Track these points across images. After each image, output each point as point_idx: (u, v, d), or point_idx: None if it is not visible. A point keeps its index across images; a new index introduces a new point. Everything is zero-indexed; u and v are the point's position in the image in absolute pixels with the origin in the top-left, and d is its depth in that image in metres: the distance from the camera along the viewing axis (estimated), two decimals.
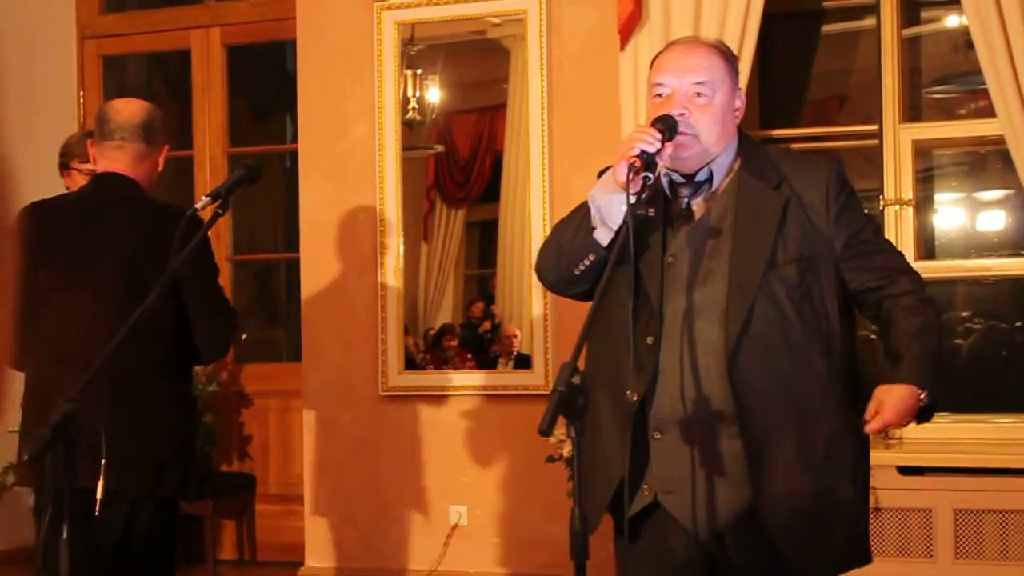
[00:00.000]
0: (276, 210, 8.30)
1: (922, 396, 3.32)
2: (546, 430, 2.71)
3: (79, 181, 4.85)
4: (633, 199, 3.15)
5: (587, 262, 3.37)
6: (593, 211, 3.35)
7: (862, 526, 3.46)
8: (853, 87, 6.67)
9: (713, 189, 3.44)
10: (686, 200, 3.44)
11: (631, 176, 3.17)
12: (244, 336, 7.88)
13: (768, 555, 3.33)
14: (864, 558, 3.49)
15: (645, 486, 3.37)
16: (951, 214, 6.49)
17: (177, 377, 4.42)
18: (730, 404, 3.28)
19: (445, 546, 6.49)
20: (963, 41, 6.20)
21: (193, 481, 4.52)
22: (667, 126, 3.29)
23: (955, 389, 6.32)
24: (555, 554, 6.16)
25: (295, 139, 7.09)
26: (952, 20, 6.38)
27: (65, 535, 3.34)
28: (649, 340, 3.33)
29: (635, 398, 3.31)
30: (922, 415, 3.36)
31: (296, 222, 6.89)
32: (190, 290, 4.26)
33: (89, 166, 4.65)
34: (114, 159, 4.41)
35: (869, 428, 3.32)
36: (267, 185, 7.69)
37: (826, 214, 3.42)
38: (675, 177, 3.45)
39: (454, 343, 6.65)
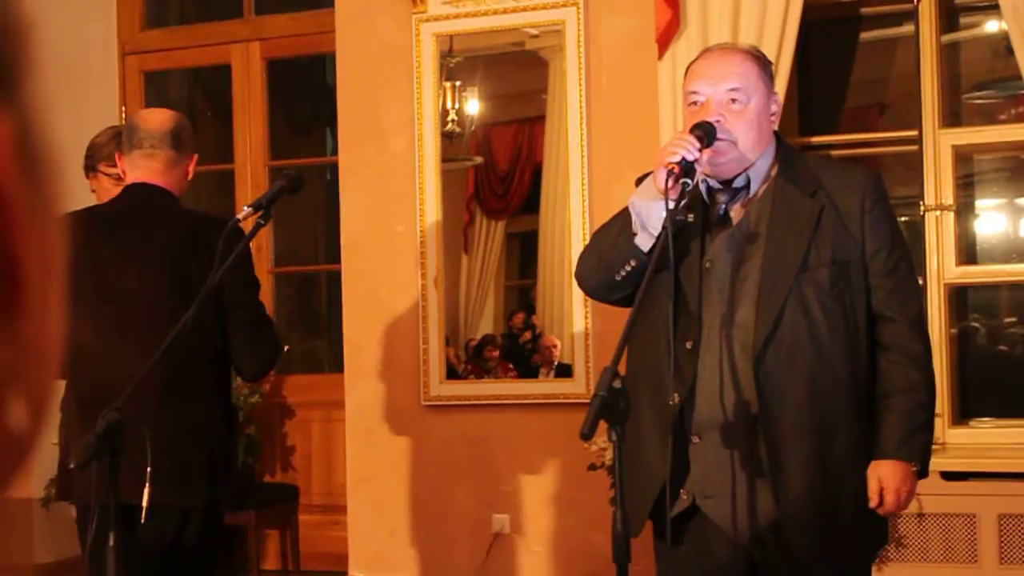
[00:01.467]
0: (317, 222, 8.36)
1: (914, 467, 3.45)
2: (587, 434, 2.74)
3: (105, 184, 4.77)
4: (672, 205, 3.18)
5: (628, 268, 3.40)
6: (634, 217, 3.38)
7: (870, 514, 3.48)
8: (892, 94, 6.67)
9: (750, 195, 3.47)
10: (724, 206, 3.48)
11: (670, 183, 3.20)
12: (286, 348, 7.92)
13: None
14: (882, 539, 3.56)
15: (683, 491, 3.40)
16: (992, 219, 6.48)
17: (220, 389, 4.42)
18: (758, 407, 3.32)
19: (487, 555, 6.51)
20: (1003, 46, 6.19)
21: (233, 492, 4.55)
22: (705, 132, 3.32)
23: (998, 394, 6.32)
24: (597, 562, 6.17)
25: (335, 152, 7.14)
26: (992, 25, 6.37)
27: (112, 544, 3.38)
28: (688, 345, 3.36)
29: (676, 403, 3.34)
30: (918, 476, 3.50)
31: (337, 234, 6.93)
32: (231, 303, 4.26)
33: (116, 170, 4.63)
34: (145, 168, 4.37)
35: (882, 511, 3.44)
36: (307, 198, 7.72)
37: (860, 222, 3.44)
38: (712, 183, 3.49)
39: (495, 353, 6.68)
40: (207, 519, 4.33)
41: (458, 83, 6.69)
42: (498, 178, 6.76)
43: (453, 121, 6.67)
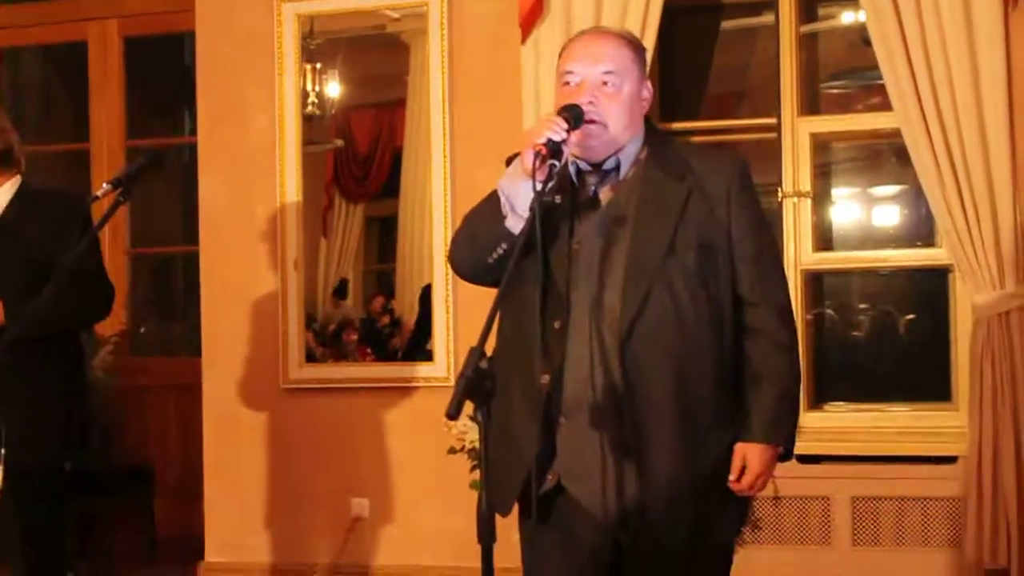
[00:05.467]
0: (174, 204, 8.25)
1: (779, 451, 3.50)
2: (453, 414, 2.72)
3: None
4: (540, 186, 3.17)
5: (500, 251, 3.39)
6: (503, 200, 3.37)
7: (733, 496, 3.52)
8: (751, 83, 6.74)
9: (620, 178, 3.48)
10: (593, 188, 3.48)
11: (538, 163, 3.19)
12: (142, 329, 7.82)
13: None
14: (743, 519, 3.60)
15: (550, 472, 3.40)
16: (847, 207, 6.59)
17: (52, 352, 4.53)
18: (624, 388, 3.33)
19: (346, 539, 6.48)
20: (859, 38, 6.29)
21: (73, 446, 4.65)
22: (573, 115, 3.32)
23: (851, 379, 6.43)
24: (457, 546, 6.18)
25: (193, 132, 7.04)
26: (848, 17, 6.46)
27: None
28: (557, 325, 3.36)
29: (545, 383, 3.34)
30: (782, 459, 3.55)
31: (195, 216, 6.84)
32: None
33: None
34: None
35: (737, 489, 3.47)
36: (165, 179, 7.64)
37: (727, 208, 3.47)
38: (582, 165, 3.49)
39: (354, 337, 6.64)
40: (45, 478, 4.49)
41: (319, 65, 6.64)
42: (358, 162, 6.72)
43: (313, 104, 6.62)
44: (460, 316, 6.28)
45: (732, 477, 3.45)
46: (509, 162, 3.47)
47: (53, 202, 4.69)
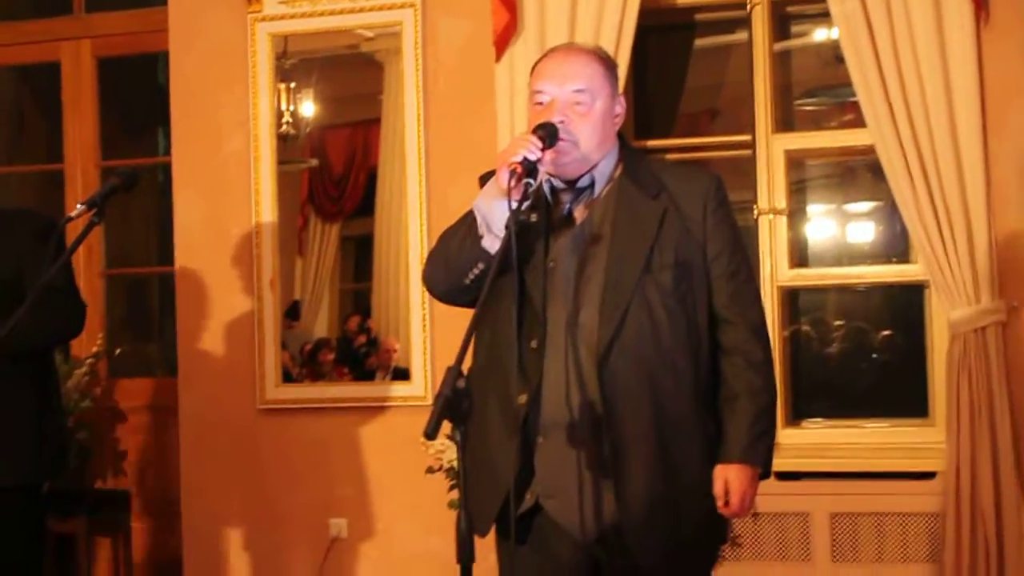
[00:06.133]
0: (149, 224, 8.22)
1: (758, 470, 3.53)
2: (431, 433, 2.72)
3: None
4: (515, 205, 3.17)
5: (476, 271, 3.39)
6: (479, 219, 3.37)
7: (711, 509, 3.52)
8: (725, 101, 6.74)
9: (594, 195, 3.48)
10: (567, 206, 3.49)
11: (513, 182, 3.19)
12: (118, 350, 7.79)
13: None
14: (721, 538, 3.60)
15: (528, 492, 3.40)
16: (822, 224, 6.59)
17: (25, 372, 4.58)
18: (602, 408, 3.33)
19: (325, 560, 6.45)
20: (832, 55, 6.30)
21: (49, 465, 4.67)
22: (548, 133, 3.33)
23: (828, 395, 6.43)
24: (435, 566, 6.17)
25: (168, 152, 7.01)
26: (821, 34, 6.48)
27: None
28: (534, 344, 3.36)
29: (522, 403, 3.34)
30: (760, 477, 3.58)
31: (170, 236, 6.82)
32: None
33: None
34: None
35: (728, 513, 3.51)
36: (140, 199, 7.61)
37: (703, 225, 3.48)
38: (556, 183, 3.49)
39: (330, 357, 6.62)
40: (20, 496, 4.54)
41: (293, 84, 6.63)
42: (332, 181, 6.71)
43: (288, 123, 6.61)
44: (437, 335, 6.27)
45: (719, 503, 3.46)
46: (483, 181, 3.47)
47: (20, 221, 4.69)
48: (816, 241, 6.53)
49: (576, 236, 3.45)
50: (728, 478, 3.46)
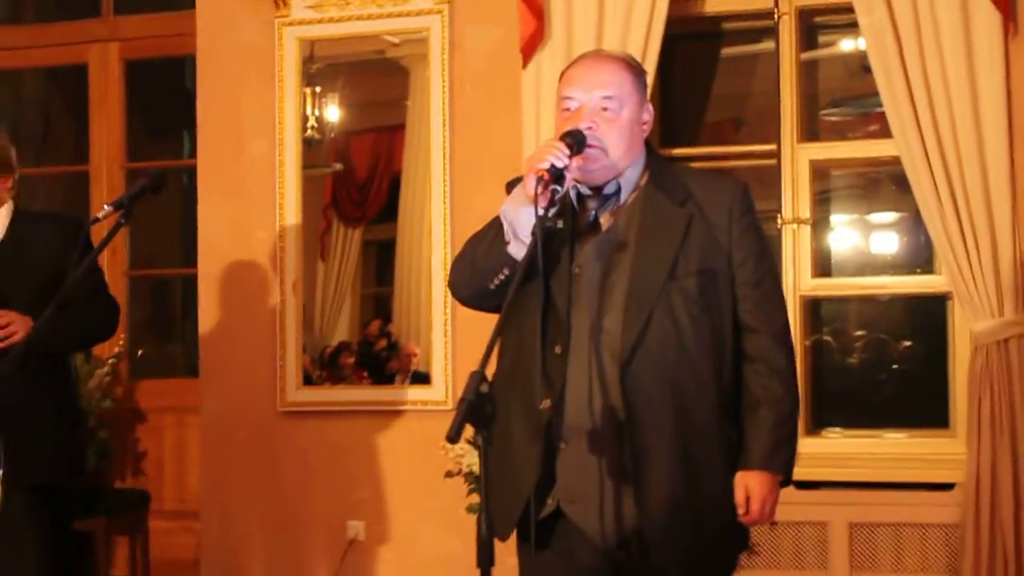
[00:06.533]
0: (173, 227, 8.25)
1: (779, 478, 3.53)
2: (454, 437, 2.73)
3: None
4: (542, 212, 3.18)
5: (501, 276, 3.40)
6: (505, 225, 3.38)
7: (731, 516, 3.52)
8: (750, 110, 6.74)
9: (620, 202, 3.49)
10: (593, 212, 3.50)
11: (540, 189, 3.20)
12: (140, 351, 7.82)
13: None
14: (743, 545, 3.60)
15: (549, 497, 3.41)
16: (845, 234, 6.59)
17: (44, 373, 4.63)
18: (625, 413, 3.34)
19: (342, 562, 6.46)
20: (859, 65, 6.30)
21: (68, 465, 4.72)
22: (576, 140, 3.34)
23: (849, 405, 6.43)
24: (452, 570, 6.17)
25: (193, 155, 7.04)
26: (848, 44, 6.48)
27: None
28: (558, 350, 3.37)
29: (546, 407, 3.34)
30: (780, 485, 3.57)
31: (193, 239, 6.84)
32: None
33: None
34: None
35: (748, 521, 3.51)
36: (165, 201, 7.62)
37: (728, 233, 3.48)
38: (583, 190, 3.50)
39: (351, 361, 6.64)
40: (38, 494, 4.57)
41: (319, 89, 6.65)
42: (356, 186, 6.72)
43: (313, 127, 6.63)
44: (458, 340, 6.28)
45: (740, 510, 3.46)
46: (510, 187, 3.48)
47: (53, 223, 4.75)
48: (839, 251, 6.53)
49: (602, 243, 3.46)
50: (749, 485, 3.46)
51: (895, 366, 6.55)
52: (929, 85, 5.61)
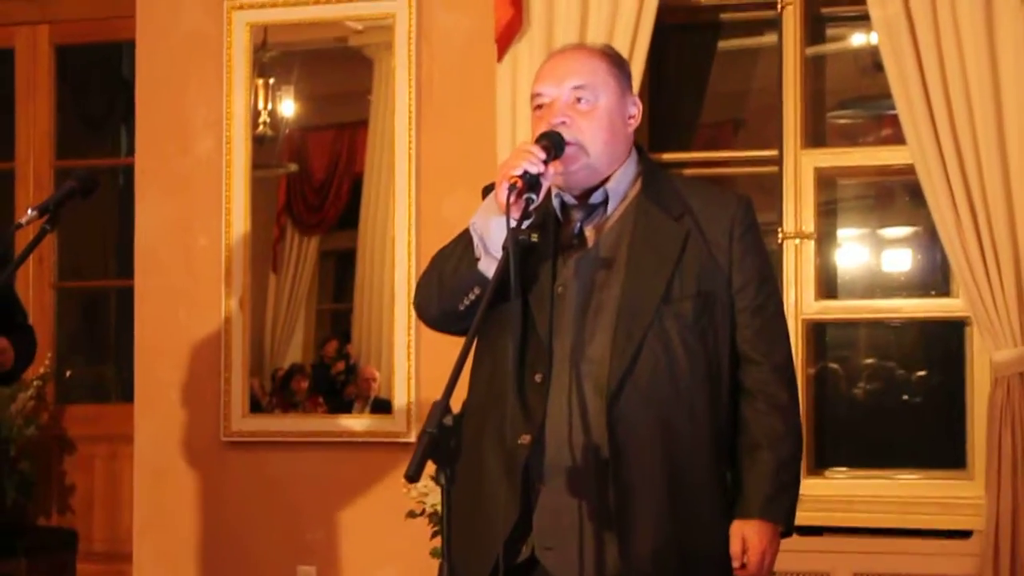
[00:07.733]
0: (107, 232, 8.21)
1: (780, 528, 3.50)
2: (414, 475, 2.69)
3: None
4: (514, 223, 3.13)
5: (472, 296, 3.35)
6: (475, 239, 3.33)
7: (725, 569, 3.49)
8: (750, 111, 6.73)
9: (607, 214, 3.45)
10: (578, 225, 3.45)
11: (512, 198, 3.16)
12: (68, 373, 7.77)
13: None
14: None
15: (524, 544, 3.36)
16: (854, 251, 6.57)
17: None
18: (609, 452, 3.30)
19: None
20: (870, 62, 6.30)
21: None
22: (553, 143, 3.30)
23: (856, 442, 6.41)
24: None
25: (131, 152, 7.01)
26: (859, 39, 6.47)
27: None
28: (538, 378, 3.33)
29: (526, 443, 3.30)
30: (781, 535, 3.54)
31: (130, 246, 6.80)
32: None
33: None
34: None
35: (741, 574, 3.48)
36: (98, 204, 7.58)
37: (728, 252, 3.45)
38: (567, 199, 3.46)
39: (304, 385, 6.61)
40: None
41: (272, 80, 6.62)
42: (313, 189, 6.69)
43: (265, 123, 6.60)
44: (422, 364, 6.25)
45: (735, 563, 3.43)
46: (486, 194, 3.44)
47: None
48: (846, 270, 6.51)
49: (588, 259, 3.41)
50: (746, 535, 3.43)
51: (907, 398, 6.54)
52: (947, 86, 5.60)
